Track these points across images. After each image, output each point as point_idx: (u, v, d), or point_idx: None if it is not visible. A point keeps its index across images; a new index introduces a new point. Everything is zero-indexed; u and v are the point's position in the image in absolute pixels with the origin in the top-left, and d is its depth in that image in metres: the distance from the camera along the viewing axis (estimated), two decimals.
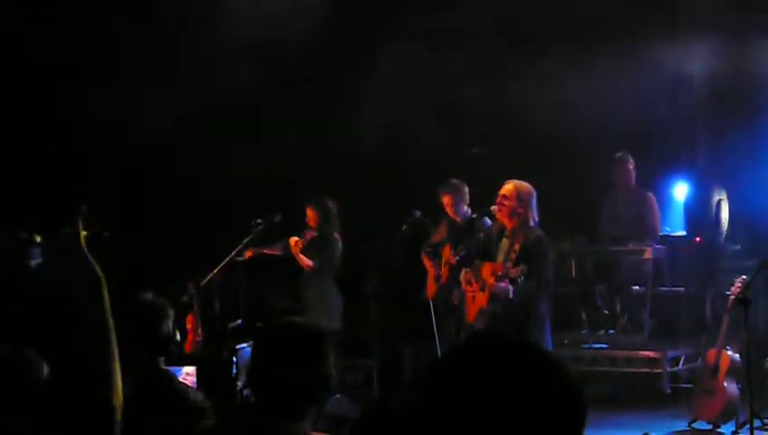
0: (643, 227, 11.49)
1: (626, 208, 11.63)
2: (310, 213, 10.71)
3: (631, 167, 11.62)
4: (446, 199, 10.61)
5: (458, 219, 10.57)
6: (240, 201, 11.82)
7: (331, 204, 10.74)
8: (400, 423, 2.80)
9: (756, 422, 8.45)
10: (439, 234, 10.73)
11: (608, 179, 11.83)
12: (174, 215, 12.24)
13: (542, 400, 1.89)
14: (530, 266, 8.73)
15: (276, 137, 12.24)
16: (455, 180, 10.65)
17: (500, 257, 9.09)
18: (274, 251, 10.99)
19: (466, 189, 10.65)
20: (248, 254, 10.77)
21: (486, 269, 9.13)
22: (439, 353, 10.21)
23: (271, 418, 3.37)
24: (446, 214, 10.68)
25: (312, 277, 10.68)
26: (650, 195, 11.61)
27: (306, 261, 10.62)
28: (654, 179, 12.01)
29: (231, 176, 12.29)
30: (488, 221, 10.02)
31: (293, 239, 10.60)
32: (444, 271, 10.44)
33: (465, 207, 10.61)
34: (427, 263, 10.75)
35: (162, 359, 4.92)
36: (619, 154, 11.66)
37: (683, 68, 11.83)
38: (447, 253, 10.42)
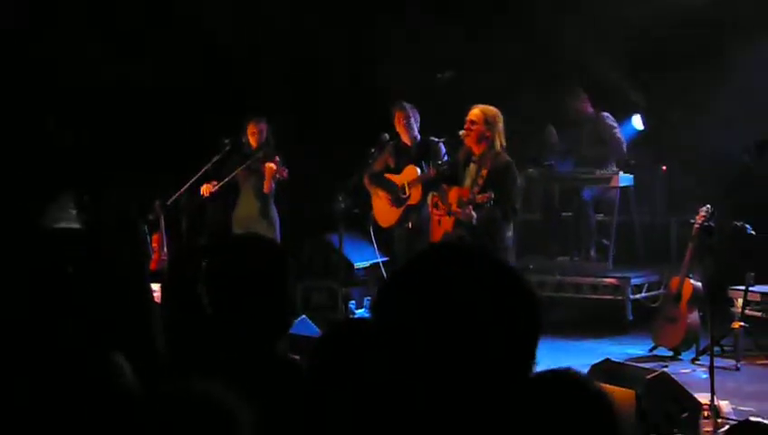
0: (607, 146, 11.45)
1: (589, 135, 11.60)
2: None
3: (582, 99, 11.59)
4: (399, 114, 10.32)
5: (409, 142, 10.25)
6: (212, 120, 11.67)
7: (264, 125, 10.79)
8: (363, 342, 2.80)
9: (716, 350, 8.53)
10: (382, 160, 10.41)
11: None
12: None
13: (497, 301, 1.88)
14: (497, 192, 8.74)
15: None
16: (408, 103, 10.42)
17: (467, 182, 9.09)
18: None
19: (417, 114, 10.40)
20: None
21: (453, 194, 9.12)
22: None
23: (232, 334, 3.35)
24: (392, 141, 10.38)
25: (259, 198, 10.73)
26: (605, 114, 11.53)
27: (270, 184, 10.61)
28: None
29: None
30: (442, 145, 9.97)
31: (271, 167, 10.46)
32: (415, 191, 10.09)
33: (416, 131, 10.32)
34: (381, 192, 10.48)
35: None
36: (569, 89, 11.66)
37: None
38: (412, 173, 10.07)
